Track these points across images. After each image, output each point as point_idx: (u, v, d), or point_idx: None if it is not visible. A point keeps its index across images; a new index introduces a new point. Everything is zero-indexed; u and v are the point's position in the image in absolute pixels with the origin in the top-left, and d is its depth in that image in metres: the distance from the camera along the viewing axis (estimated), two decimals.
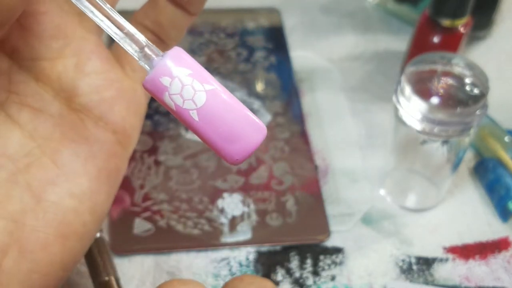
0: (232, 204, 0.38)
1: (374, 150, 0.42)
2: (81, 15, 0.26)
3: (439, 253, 0.36)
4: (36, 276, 0.24)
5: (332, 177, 0.40)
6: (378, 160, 0.41)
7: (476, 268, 0.36)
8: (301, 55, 0.48)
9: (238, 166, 0.40)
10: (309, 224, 0.37)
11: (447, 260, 0.36)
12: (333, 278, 0.35)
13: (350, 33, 0.51)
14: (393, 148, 0.38)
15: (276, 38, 0.49)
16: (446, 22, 0.41)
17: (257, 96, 0.45)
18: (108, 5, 0.21)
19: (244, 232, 0.37)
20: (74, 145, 0.26)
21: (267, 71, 0.46)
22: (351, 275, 0.35)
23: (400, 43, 0.49)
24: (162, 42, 0.28)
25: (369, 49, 0.49)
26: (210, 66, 0.46)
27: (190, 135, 0.41)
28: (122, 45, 0.21)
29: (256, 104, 0.44)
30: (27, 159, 0.25)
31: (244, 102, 0.44)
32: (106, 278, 0.32)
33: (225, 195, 0.38)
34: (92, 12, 0.21)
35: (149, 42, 0.22)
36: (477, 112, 0.33)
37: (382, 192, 0.40)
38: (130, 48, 0.22)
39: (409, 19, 0.51)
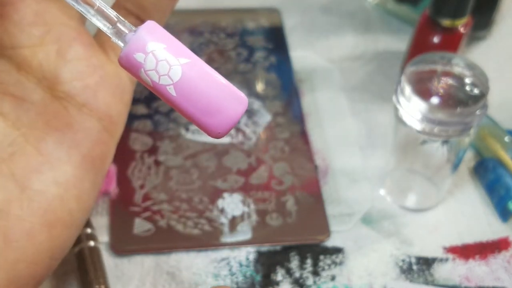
0: (232, 204, 0.38)
1: (374, 150, 0.42)
2: (61, 1, 0.25)
3: (439, 253, 0.36)
4: (22, 265, 0.24)
5: (332, 177, 0.40)
6: (378, 160, 0.41)
7: (476, 268, 0.36)
8: (301, 55, 0.48)
9: (237, 166, 0.40)
10: (309, 224, 0.37)
11: (447, 260, 0.36)
12: (333, 278, 0.35)
13: (350, 33, 0.51)
14: (393, 148, 0.38)
15: (276, 38, 0.49)
16: (446, 22, 0.41)
17: (257, 96, 0.45)
18: None
19: (244, 232, 0.37)
20: (58, 133, 0.26)
21: (267, 71, 0.46)
22: (351, 275, 0.35)
23: (400, 43, 0.49)
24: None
25: (369, 49, 0.49)
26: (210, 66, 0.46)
27: (190, 135, 0.41)
28: (94, 22, 0.21)
29: (256, 104, 0.44)
30: (11, 148, 0.24)
31: None
32: (97, 287, 0.32)
33: (225, 195, 0.38)
34: None
35: (120, 17, 0.21)
36: (477, 112, 0.33)
37: (382, 192, 0.40)
38: (102, 25, 0.21)
39: (409, 19, 0.51)
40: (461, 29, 0.41)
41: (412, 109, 0.33)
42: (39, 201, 0.25)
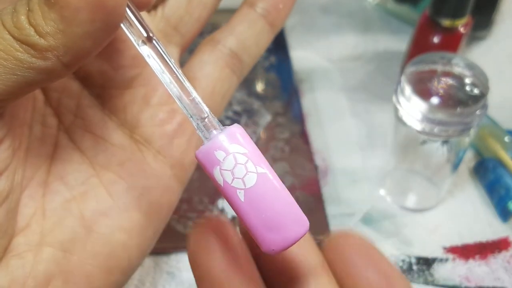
0: None
1: (374, 150, 0.42)
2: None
3: (439, 253, 0.36)
4: None
5: (332, 177, 0.40)
6: (378, 160, 0.41)
7: (476, 268, 0.36)
8: (301, 55, 0.48)
9: None
10: (309, 224, 0.37)
11: (447, 260, 0.36)
12: None
13: (350, 33, 0.51)
14: (393, 148, 0.38)
15: (276, 38, 0.49)
16: (446, 22, 0.41)
17: (257, 96, 0.45)
18: (179, 70, 0.20)
19: None
20: (130, 178, 0.25)
21: (267, 71, 0.46)
22: None
23: (400, 43, 0.49)
24: (240, 63, 0.28)
25: (369, 49, 0.49)
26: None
27: None
28: (183, 110, 0.21)
29: (256, 104, 0.44)
30: (83, 187, 0.24)
31: (244, 102, 0.44)
32: None
33: None
34: (162, 73, 0.20)
35: (211, 113, 0.21)
36: (477, 112, 0.33)
37: (382, 192, 0.40)
38: (192, 116, 0.21)
39: (409, 19, 0.51)
40: (461, 29, 0.41)
41: (412, 109, 0.33)
42: (102, 245, 0.24)
